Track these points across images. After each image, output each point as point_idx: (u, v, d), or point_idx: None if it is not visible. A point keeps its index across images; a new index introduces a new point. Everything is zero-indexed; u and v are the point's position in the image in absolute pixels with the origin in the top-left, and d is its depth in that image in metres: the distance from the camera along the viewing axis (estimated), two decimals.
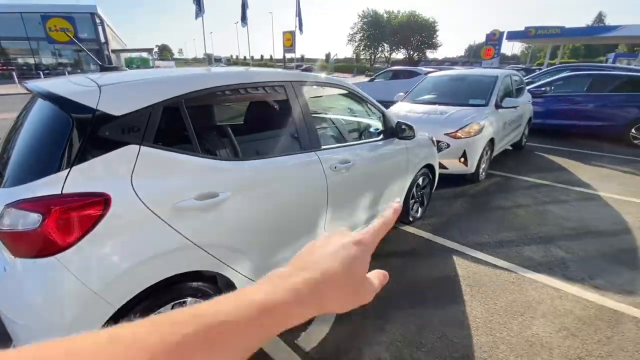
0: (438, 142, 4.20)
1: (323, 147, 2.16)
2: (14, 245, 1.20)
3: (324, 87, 2.40)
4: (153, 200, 1.36)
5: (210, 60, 65.80)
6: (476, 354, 1.88)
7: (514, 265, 2.70)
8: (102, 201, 1.25)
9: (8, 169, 1.31)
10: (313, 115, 2.41)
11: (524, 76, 12.08)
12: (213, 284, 1.68)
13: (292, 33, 31.98)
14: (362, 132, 2.98)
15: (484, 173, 4.72)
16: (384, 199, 2.74)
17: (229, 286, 1.70)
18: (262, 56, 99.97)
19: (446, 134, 4.25)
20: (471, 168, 4.33)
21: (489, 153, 4.69)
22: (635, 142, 6.71)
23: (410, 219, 3.30)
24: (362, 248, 0.35)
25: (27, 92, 1.58)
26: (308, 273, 0.31)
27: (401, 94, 5.84)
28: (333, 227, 2.28)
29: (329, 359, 1.86)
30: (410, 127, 2.74)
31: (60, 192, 1.20)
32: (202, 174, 1.53)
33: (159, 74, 1.64)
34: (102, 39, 30.73)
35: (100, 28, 30.27)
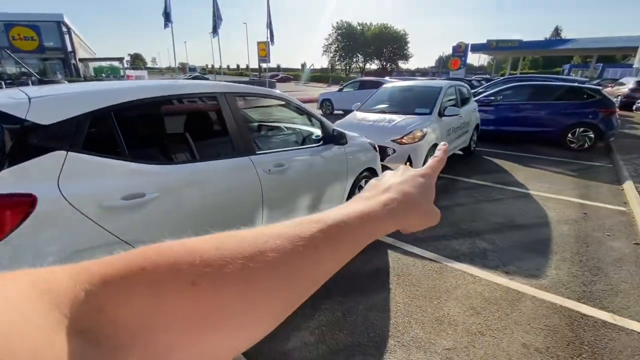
0: (385, 148, 4.53)
1: (258, 152, 2.37)
2: None
3: (259, 98, 2.63)
4: (80, 201, 1.51)
5: (185, 69, 65.08)
6: (391, 332, 2.12)
7: (441, 257, 3.00)
8: (28, 201, 1.39)
9: None
10: (251, 123, 2.62)
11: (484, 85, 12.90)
12: None
13: (266, 43, 32.25)
14: (303, 139, 3.22)
15: None
16: (324, 198, 2.98)
17: None
18: (238, 65, 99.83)
19: (392, 141, 4.58)
20: None
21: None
22: (572, 145, 7.40)
23: None
24: (428, 178, 0.40)
25: None
26: (391, 194, 0.36)
27: (358, 103, 6.18)
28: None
29: (258, 345, 2.03)
30: (343, 134, 3.01)
31: None
32: (129, 176, 1.70)
33: (92, 87, 1.80)
34: (69, 48, 29.85)
35: (67, 37, 29.43)
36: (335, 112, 13.80)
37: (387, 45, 71.94)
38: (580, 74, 38.05)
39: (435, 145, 5.03)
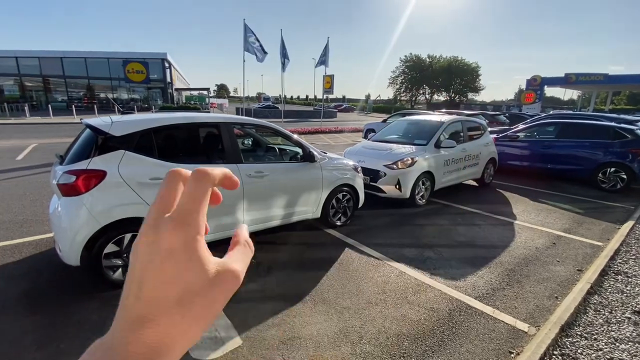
0: (378, 171, 5.34)
1: (245, 162, 3.51)
2: (63, 190, 2.66)
3: (250, 127, 3.80)
4: (127, 177, 2.78)
5: (260, 99, 72.72)
6: (310, 292, 2.96)
7: (385, 257, 3.70)
8: (102, 174, 2.70)
9: (67, 157, 2.83)
10: (244, 142, 3.78)
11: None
12: None
13: (331, 77, 34.90)
14: (289, 157, 4.27)
15: (423, 200, 5.66)
16: (300, 202, 3.97)
17: None
18: (307, 96, 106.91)
19: (384, 165, 5.37)
20: (405, 194, 5.35)
21: (427, 183, 5.66)
22: (603, 185, 7.13)
23: (331, 222, 4.42)
24: (173, 231, 0.25)
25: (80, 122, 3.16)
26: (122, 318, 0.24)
27: (372, 133, 7.07)
28: (250, 214, 3.55)
29: None
30: (312, 154, 3.98)
31: (85, 168, 2.67)
32: (156, 167, 2.94)
33: (147, 117, 3.15)
34: (168, 80, 36.13)
35: (167, 71, 35.77)
36: None
37: (456, 78, 70.78)
38: None
39: (429, 173, 5.65)
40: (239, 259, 0.29)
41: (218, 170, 0.29)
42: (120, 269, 2.87)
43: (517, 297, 3.00)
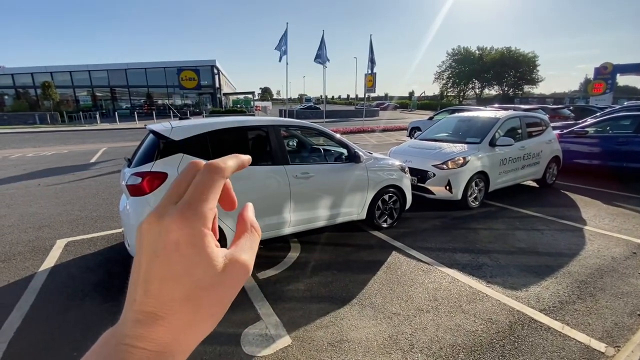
0: (426, 172, 5.13)
1: (291, 163, 3.57)
2: (130, 190, 2.91)
3: (296, 128, 3.86)
4: None
5: (302, 100, 74.05)
6: (357, 296, 2.91)
7: (435, 262, 3.53)
8: (164, 176, 2.90)
9: (134, 160, 3.09)
10: (290, 143, 3.84)
11: None
12: None
13: (373, 75, 34.50)
14: (333, 157, 4.26)
15: (476, 202, 5.32)
16: (344, 202, 3.94)
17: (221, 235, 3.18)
18: (348, 95, 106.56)
19: (433, 165, 5.14)
20: (456, 195, 5.06)
21: (480, 184, 5.31)
22: None
23: (376, 224, 4.33)
24: (185, 221, 0.24)
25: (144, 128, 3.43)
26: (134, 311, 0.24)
27: (418, 132, 6.81)
28: (296, 214, 3.60)
29: (271, 286, 3.12)
30: (357, 155, 3.92)
31: (150, 170, 2.89)
32: None
33: (203, 122, 3.33)
34: (217, 85, 38.19)
35: (216, 77, 37.83)
36: None
37: (510, 70, 65.84)
38: None
39: (484, 173, 5.29)
40: (247, 247, 0.28)
41: (231, 162, 0.28)
42: None
43: (590, 313, 2.68)
